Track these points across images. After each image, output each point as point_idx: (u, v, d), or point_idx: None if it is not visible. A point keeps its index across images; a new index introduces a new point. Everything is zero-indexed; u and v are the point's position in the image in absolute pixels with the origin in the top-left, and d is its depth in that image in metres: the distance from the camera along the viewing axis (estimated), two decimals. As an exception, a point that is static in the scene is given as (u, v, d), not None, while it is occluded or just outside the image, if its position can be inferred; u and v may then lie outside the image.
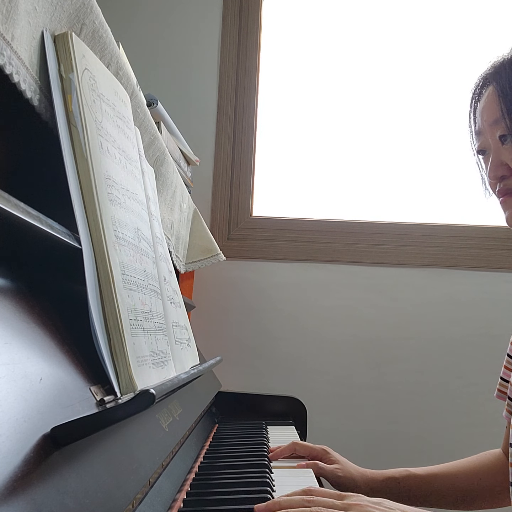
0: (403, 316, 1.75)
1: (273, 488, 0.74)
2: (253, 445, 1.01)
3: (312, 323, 1.76)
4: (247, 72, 1.84)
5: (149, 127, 0.92)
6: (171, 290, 0.83)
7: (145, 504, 0.54)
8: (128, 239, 0.61)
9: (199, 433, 1.01)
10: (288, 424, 1.29)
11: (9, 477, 0.33)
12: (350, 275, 1.77)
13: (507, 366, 1.01)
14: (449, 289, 1.76)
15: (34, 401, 0.39)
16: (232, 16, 1.85)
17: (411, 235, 1.78)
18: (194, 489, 0.71)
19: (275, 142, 1.90)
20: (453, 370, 1.73)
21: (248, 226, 1.81)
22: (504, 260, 1.75)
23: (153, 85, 1.75)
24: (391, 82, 1.89)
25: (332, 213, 1.83)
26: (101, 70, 0.65)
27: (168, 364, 0.68)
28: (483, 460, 1.02)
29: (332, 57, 1.90)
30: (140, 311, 0.60)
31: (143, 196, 0.74)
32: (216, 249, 1.50)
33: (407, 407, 1.72)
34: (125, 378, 0.52)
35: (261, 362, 1.75)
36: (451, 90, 1.86)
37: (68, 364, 0.48)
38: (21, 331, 0.44)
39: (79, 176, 0.55)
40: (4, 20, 0.45)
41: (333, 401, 1.73)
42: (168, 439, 0.67)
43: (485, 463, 1.01)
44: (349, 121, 1.89)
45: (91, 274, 0.52)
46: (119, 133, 0.67)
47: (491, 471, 1.00)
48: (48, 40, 0.55)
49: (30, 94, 0.52)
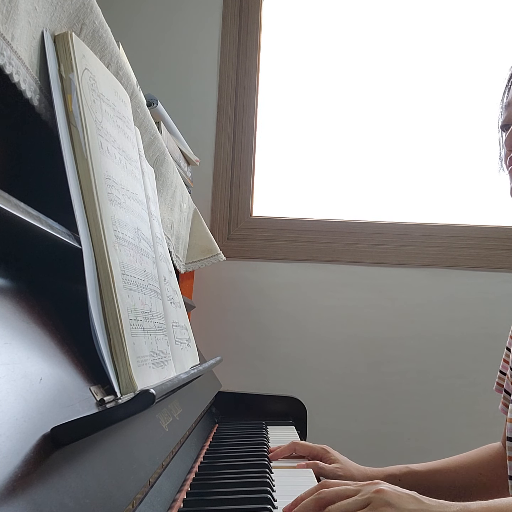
0: (403, 316, 1.75)
1: (273, 488, 0.74)
2: (253, 445, 1.01)
3: (312, 323, 1.76)
4: (247, 72, 1.84)
5: (149, 127, 0.92)
6: (171, 290, 0.83)
7: (145, 504, 0.54)
8: (128, 239, 0.61)
9: (199, 433, 1.01)
10: (288, 424, 1.29)
11: (9, 477, 0.33)
12: (350, 275, 1.77)
13: (506, 359, 1.01)
14: (449, 289, 1.76)
15: (34, 401, 0.39)
16: (232, 16, 1.85)
17: (411, 235, 1.78)
18: (194, 489, 0.72)
19: (275, 142, 1.90)
20: (453, 370, 1.73)
21: (248, 226, 1.81)
22: (504, 260, 1.75)
23: (153, 85, 1.75)
24: (391, 82, 1.89)
25: (332, 213, 1.83)
26: (101, 70, 0.65)
27: (168, 364, 0.68)
28: (482, 454, 1.02)
29: (332, 57, 1.90)
30: (140, 311, 0.60)
31: (143, 196, 0.74)
32: (216, 249, 1.50)
33: (407, 407, 1.72)
34: (125, 378, 0.52)
35: (261, 362, 1.75)
36: (452, 89, 1.86)
37: (68, 364, 0.48)
38: (21, 331, 0.44)
39: (79, 176, 0.55)
40: (4, 20, 0.45)
41: (333, 401, 1.73)
42: (168, 439, 0.67)
43: (485, 457, 1.01)
44: (349, 121, 1.89)
45: (91, 274, 0.52)
46: (119, 133, 0.67)
47: (491, 466, 0.99)
48: (48, 40, 0.55)
49: (30, 94, 0.52)
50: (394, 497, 0.58)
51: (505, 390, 0.98)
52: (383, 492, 0.58)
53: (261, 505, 0.65)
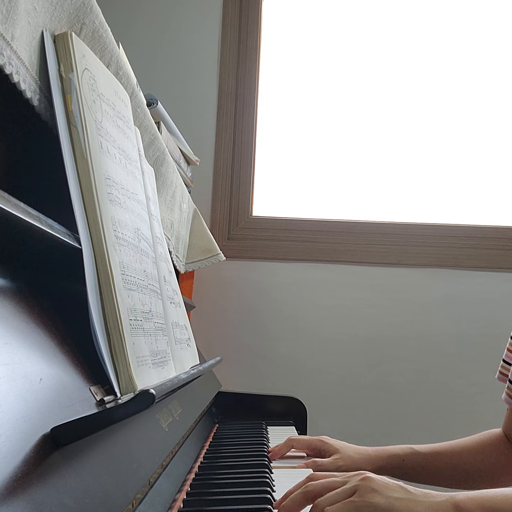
0: (403, 316, 1.75)
1: (273, 488, 0.74)
2: (253, 445, 1.01)
3: (312, 323, 1.76)
4: (247, 72, 1.84)
5: (149, 127, 0.92)
6: (171, 290, 0.83)
7: (145, 504, 0.54)
8: (128, 239, 0.61)
9: (199, 433, 1.01)
10: (288, 424, 1.29)
11: (9, 477, 0.33)
12: (350, 275, 1.77)
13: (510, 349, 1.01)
14: (449, 289, 1.76)
15: (34, 401, 0.39)
16: (232, 16, 1.85)
17: (411, 235, 1.78)
18: (194, 489, 0.71)
19: (275, 142, 1.90)
20: (453, 370, 1.73)
21: (248, 226, 1.81)
22: (504, 260, 1.75)
23: (153, 85, 1.75)
24: (391, 82, 1.89)
25: (332, 213, 1.83)
26: (101, 70, 0.65)
27: (168, 364, 0.68)
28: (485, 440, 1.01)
29: (332, 57, 1.90)
30: (140, 311, 0.60)
31: (143, 196, 0.74)
32: (216, 249, 1.50)
33: (407, 407, 1.72)
34: (125, 378, 0.52)
35: (261, 362, 1.75)
36: (452, 89, 1.86)
37: (68, 364, 0.48)
38: (21, 331, 0.44)
39: (79, 176, 0.55)
40: (4, 20, 0.45)
41: (333, 401, 1.73)
42: (168, 439, 0.67)
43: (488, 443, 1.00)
44: (349, 121, 1.89)
45: (91, 274, 0.52)
46: (119, 133, 0.67)
47: (494, 452, 0.99)
48: (48, 40, 0.55)
49: (30, 94, 0.52)
50: (381, 484, 0.58)
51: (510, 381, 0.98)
52: (370, 479, 0.59)
53: (261, 505, 0.65)
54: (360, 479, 0.59)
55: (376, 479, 0.59)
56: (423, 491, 0.59)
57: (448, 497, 0.57)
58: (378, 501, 0.55)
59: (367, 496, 0.56)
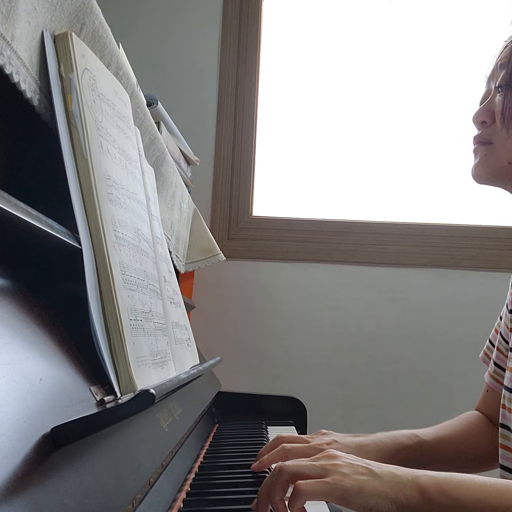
0: (403, 316, 1.75)
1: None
2: (253, 445, 1.01)
3: (312, 323, 1.76)
4: (247, 72, 1.84)
5: (149, 127, 0.92)
6: (171, 290, 0.83)
7: (145, 504, 0.54)
8: (128, 239, 0.61)
9: (199, 433, 1.01)
10: (288, 424, 1.29)
11: (9, 477, 0.33)
12: (350, 275, 1.77)
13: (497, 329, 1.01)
14: (449, 289, 1.76)
15: (34, 401, 0.39)
16: (232, 16, 1.85)
17: (411, 235, 1.78)
18: (194, 489, 0.71)
19: (275, 142, 1.90)
20: (453, 370, 1.73)
21: (248, 226, 1.81)
22: (504, 260, 1.75)
23: (153, 85, 1.75)
24: (391, 82, 1.89)
25: (332, 213, 1.83)
26: (101, 70, 0.65)
27: (168, 364, 0.68)
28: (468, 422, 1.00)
29: (332, 57, 1.90)
30: (140, 311, 0.60)
31: (143, 196, 0.74)
32: (216, 249, 1.50)
33: (407, 407, 1.72)
34: (125, 378, 0.52)
35: (261, 362, 1.75)
36: (452, 89, 1.86)
37: (68, 364, 0.48)
38: (21, 331, 0.44)
39: (79, 176, 0.55)
40: (4, 20, 0.45)
41: (333, 401, 1.73)
42: (168, 439, 0.67)
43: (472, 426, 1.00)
44: (349, 121, 1.89)
45: (91, 274, 0.52)
46: (119, 133, 0.67)
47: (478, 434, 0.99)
48: (48, 40, 0.55)
49: (30, 94, 0.52)
50: (349, 468, 0.61)
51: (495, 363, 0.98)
52: (339, 465, 0.61)
53: (261, 505, 0.65)
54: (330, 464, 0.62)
55: (343, 464, 0.61)
56: (389, 470, 0.61)
57: (413, 477, 0.60)
58: (350, 484, 0.59)
59: (338, 479, 0.59)
